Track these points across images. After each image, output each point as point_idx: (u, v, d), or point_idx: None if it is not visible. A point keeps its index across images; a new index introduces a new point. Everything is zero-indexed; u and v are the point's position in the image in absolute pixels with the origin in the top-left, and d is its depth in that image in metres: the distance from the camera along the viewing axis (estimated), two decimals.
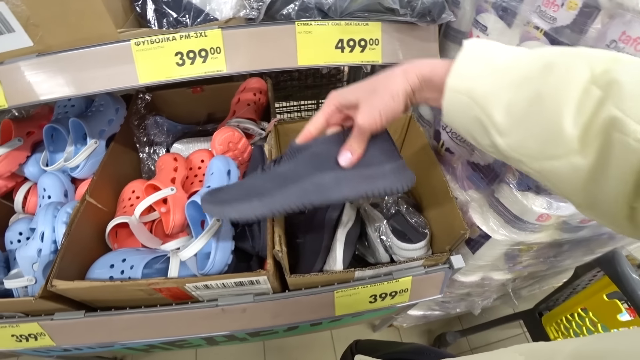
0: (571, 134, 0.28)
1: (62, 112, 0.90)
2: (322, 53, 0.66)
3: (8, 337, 0.71)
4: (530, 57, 0.33)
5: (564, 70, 0.30)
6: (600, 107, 0.27)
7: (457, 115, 0.36)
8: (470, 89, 0.34)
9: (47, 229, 0.74)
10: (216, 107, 1.00)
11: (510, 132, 0.32)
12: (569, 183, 0.30)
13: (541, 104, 0.30)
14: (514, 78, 0.32)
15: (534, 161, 0.32)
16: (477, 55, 0.35)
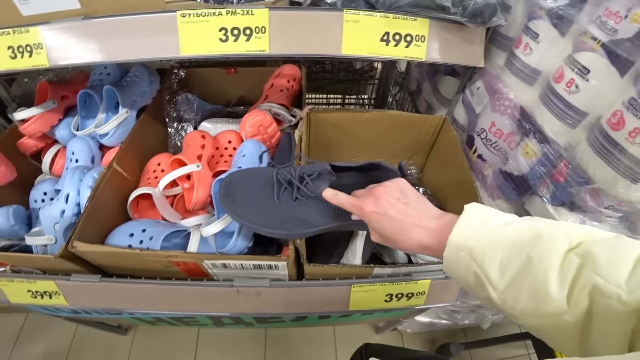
0: (558, 295, 0.32)
1: (97, 79, 0.90)
2: (367, 44, 0.64)
3: (24, 292, 0.71)
4: (521, 224, 0.37)
5: (547, 239, 0.34)
6: (581, 272, 0.31)
7: (456, 268, 0.40)
8: (469, 247, 0.38)
9: (72, 191, 0.75)
10: (247, 90, 1.00)
11: (504, 289, 0.35)
12: (562, 338, 0.33)
13: (530, 266, 0.34)
14: (507, 241, 0.36)
15: (527, 317, 0.35)
16: (476, 219, 0.39)
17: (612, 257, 0.31)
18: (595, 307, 0.30)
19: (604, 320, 0.30)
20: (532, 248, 0.34)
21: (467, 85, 0.80)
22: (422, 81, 1.00)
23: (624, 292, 0.29)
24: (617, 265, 0.30)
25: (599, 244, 0.32)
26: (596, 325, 0.30)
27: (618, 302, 0.29)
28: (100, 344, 1.26)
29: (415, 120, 0.80)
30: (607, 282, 0.30)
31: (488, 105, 0.74)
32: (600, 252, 0.31)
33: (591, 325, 0.31)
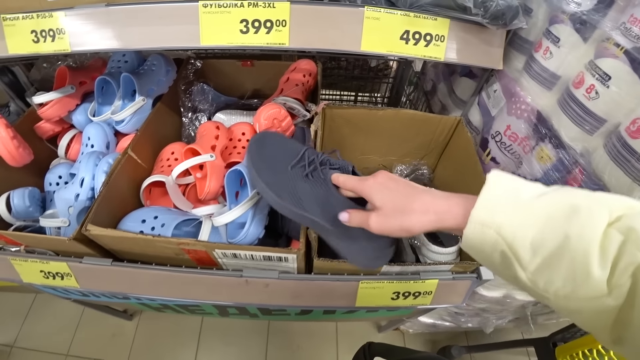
0: (599, 277, 0.29)
1: (115, 67, 0.91)
2: (386, 42, 0.64)
3: (37, 272, 0.73)
4: (554, 196, 0.33)
5: (587, 214, 0.31)
6: (623, 250, 0.28)
7: (480, 246, 0.36)
8: (497, 224, 0.34)
9: (87, 175, 0.76)
10: (262, 83, 1.00)
11: (536, 269, 0.32)
12: (599, 321, 0.31)
13: (567, 245, 0.30)
14: (539, 216, 0.32)
15: (562, 300, 0.32)
16: (502, 191, 0.35)
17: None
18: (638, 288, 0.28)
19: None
20: (569, 225, 0.31)
21: (484, 88, 0.80)
22: (437, 82, 1.00)
23: None
24: None
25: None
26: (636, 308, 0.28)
27: None
28: (106, 327, 1.28)
29: (430, 120, 0.80)
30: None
31: (504, 108, 0.74)
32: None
33: (633, 308, 0.28)
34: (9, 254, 0.71)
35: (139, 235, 0.63)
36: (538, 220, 0.32)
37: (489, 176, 0.37)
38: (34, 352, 1.24)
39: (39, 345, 1.26)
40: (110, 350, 1.24)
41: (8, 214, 0.77)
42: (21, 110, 0.94)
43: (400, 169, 0.88)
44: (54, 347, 1.25)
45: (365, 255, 0.52)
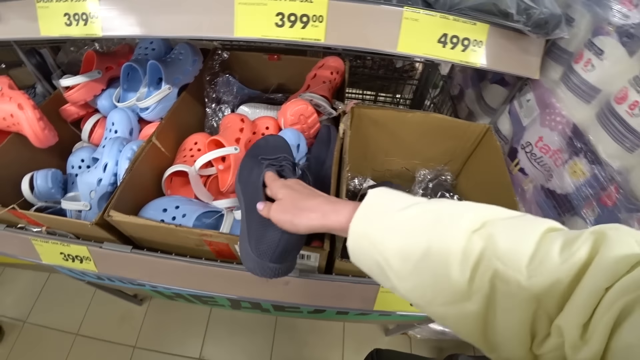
0: (459, 282, 0.30)
1: (142, 54, 0.90)
2: (423, 44, 0.62)
3: (57, 254, 0.72)
4: (423, 206, 0.35)
5: (448, 222, 0.32)
6: (482, 256, 0.29)
7: (360, 256, 0.37)
8: (369, 234, 0.35)
9: (110, 161, 0.75)
10: (287, 78, 0.99)
11: (406, 276, 0.33)
12: (466, 327, 0.31)
13: (430, 252, 0.31)
14: (407, 226, 0.34)
15: (430, 306, 0.33)
16: (378, 203, 0.37)
17: (513, 238, 0.29)
18: (497, 294, 0.29)
19: (505, 307, 0.28)
20: (432, 232, 0.32)
21: (516, 96, 0.78)
22: (465, 87, 0.98)
23: (523, 277, 0.27)
24: (517, 247, 0.28)
25: (501, 225, 0.30)
26: (498, 313, 0.29)
27: (518, 288, 0.27)
28: (116, 310, 1.29)
29: (459, 126, 0.78)
30: (507, 267, 0.28)
31: (537, 119, 0.71)
32: (501, 233, 0.30)
33: (494, 313, 0.29)
34: (30, 234, 0.70)
35: (161, 224, 0.62)
36: (405, 229, 0.33)
37: (370, 191, 0.38)
38: (45, 329, 1.25)
39: (50, 322, 1.27)
40: (119, 333, 1.25)
41: (30, 194, 0.77)
42: (47, 92, 0.94)
43: (423, 173, 0.86)
44: (64, 326, 1.26)
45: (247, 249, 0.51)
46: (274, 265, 0.49)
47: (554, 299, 0.27)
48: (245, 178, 0.59)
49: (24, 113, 0.72)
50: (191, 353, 1.21)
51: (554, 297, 0.27)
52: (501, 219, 0.31)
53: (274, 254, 0.49)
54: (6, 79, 0.74)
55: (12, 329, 1.26)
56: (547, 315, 0.27)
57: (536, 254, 0.28)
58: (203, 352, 1.21)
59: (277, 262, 0.49)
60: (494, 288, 0.29)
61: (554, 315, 0.27)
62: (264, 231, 0.50)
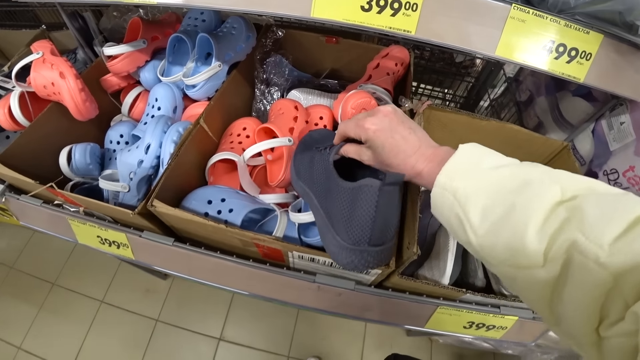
0: (535, 248, 0.29)
1: (191, 24, 0.81)
2: (527, 49, 0.52)
3: (93, 237, 0.67)
4: (513, 169, 0.34)
5: (537, 188, 0.31)
6: (564, 227, 0.28)
7: (441, 209, 0.37)
8: (454, 188, 0.34)
9: (154, 142, 0.67)
10: (342, 64, 0.88)
11: (483, 234, 0.33)
12: (534, 294, 0.30)
13: (512, 214, 0.30)
14: (494, 185, 0.33)
15: (501, 265, 0.32)
16: (467, 159, 0.36)
17: (603, 214, 0.27)
18: (571, 265, 0.27)
19: (578, 281, 0.27)
20: (518, 195, 0.31)
21: (605, 116, 0.67)
22: (537, 94, 0.86)
23: (603, 253, 0.25)
24: (605, 223, 0.26)
25: (595, 199, 0.28)
26: (570, 285, 0.27)
27: (595, 264, 0.25)
28: (140, 282, 1.25)
29: (534, 140, 0.68)
30: (588, 239, 0.26)
31: (631, 146, 0.61)
32: (592, 207, 0.28)
33: (565, 284, 0.27)
34: (68, 213, 0.64)
35: (209, 222, 0.55)
36: (491, 188, 0.33)
37: (461, 146, 0.37)
38: (72, 293, 1.23)
39: (77, 287, 1.25)
40: (143, 305, 1.22)
41: (67, 168, 0.71)
42: (88, 58, 0.85)
43: None
44: (90, 292, 1.23)
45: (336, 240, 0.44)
46: (375, 249, 0.41)
47: (635, 283, 0.24)
48: (307, 173, 0.53)
49: (66, 82, 0.64)
50: (212, 332, 1.18)
51: (635, 281, 0.24)
52: (596, 194, 0.29)
53: (373, 234, 0.41)
54: (48, 44, 0.65)
55: (41, 288, 1.24)
56: (622, 298, 0.25)
57: (625, 234, 0.25)
58: (224, 332, 1.18)
59: (378, 244, 0.41)
60: (570, 259, 0.27)
61: (631, 301, 0.24)
62: (353, 208, 0.41)
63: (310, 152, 0.55)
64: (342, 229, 0.42)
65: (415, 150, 0.41)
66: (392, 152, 0.41)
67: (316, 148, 0.54)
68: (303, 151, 0.57)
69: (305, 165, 0.54)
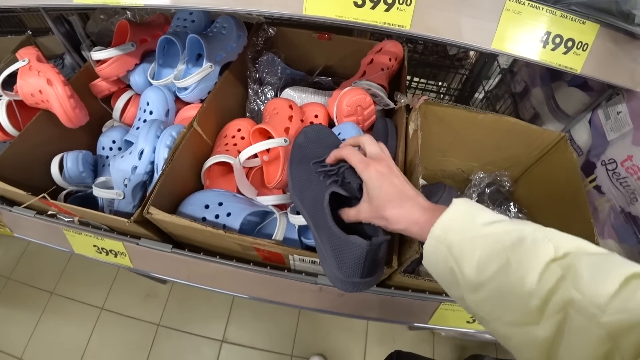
0: (531, 304, 0.28)
1: (180, 25, 0.79)
2: (522, 42, 0.51)
3: (90, 246, 0.65)
4: (506, 226, 0.34)
5: (531, 245, 0.31)
6: (560, 284, 0.28)
7: (435, 262, 0.37)
8: (449, 242, 0.34)
9: (147, 147, 0.66)
10: (336, 60, 0.87)
11: (477, 290, 0.32)
12: (528, 352, 0.30)
13: (507, 270, 0.30)
14: (488, 241, 0.33)
15: (495, 322, 0.32)
16: (462, 213, 0.36)
17: (597, 274, 0.27)
18: (567, 324, 0.27)
19: (575, 340, 0.26)
20: (512, 251, 0.31)
21: (602, 105, 0.66)
22: (532, 85, 0.85)
23: (601, 313, 0.25)
24: (600, 282, 0.27)
25: (586, 258, 0.29)
26: (566, 344, 0.27)
27: (593, 323, 0.25)
28: (140, 287, 1.24)
29: (531, 132, 0.68)
30: (585, 299, 0.26)
31: (629, 136, 0.61)
32: (585, 266, 0.28)
33: (561, 343, 0.27)
34: (62, 224, 0.63)
35: (207, 228, 0.54)
36: (486, 243, 0.33)
37: (455, 200, 0.37)
38: (71, 301, 1.22)
39: (76, 295, 1.23)
40: (143, 310, 1.21)
41: (60, 177, 0.69)
42: (76, 63, 0.83)
43: (479, 177, 0.77)
44: (89, 299, 1.22)
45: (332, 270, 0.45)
46: (366, 279, 0.44)
47: (633, 343, 0.24)
48: (303, 192, 0.51)
49: (54, 90, 0.63)
50: (214, 334, 1.17)
51: (633, 341, 0.24)
52: (586, 254, 0.29)
53: (362, 272, 0.43)
54: (34, 50, 0.63)
55: (39, 298, 1.22)
56: (621, 358, 0.24)
57: (619, 293, 0.26)
58: (226, 334, 1.17)
59: (368, 277, 0.44)
60: (567, 317, 0.27)
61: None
62: (343, 253, 0.43)
63: (307, 167, 0.53)
64: (334, 262, 0.44)
65: (411, 197, 0.41)
66: (389, 195, 0.41)
67: (314, 164, 0.52)
68: (300, 161, 0.55)
69: (301, 182, 0.53)
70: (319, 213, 0.47)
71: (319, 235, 0.46)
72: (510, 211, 0.69)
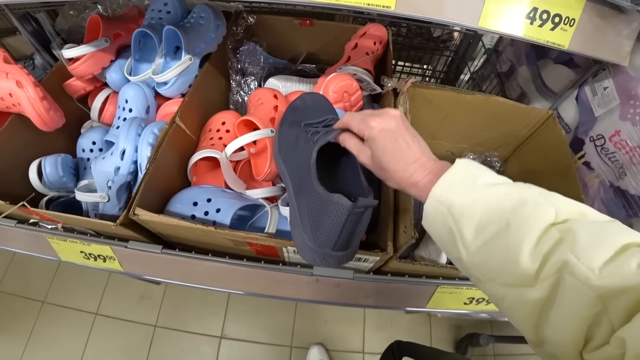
0: (527, 267, 0.29)
1: (155, 17, 0.75)
2: (509, 19, 0.50)
3: (77, 253, 0.63)
4: (508, 188, 0.33)
5: (532, 209, 0.31)
6: (557, 248, 0.28)
7: (434, 222, 0.36)
8: (449, 202, 0.34)
9: (129, 147, 0.64)
10: (319, 47, 0.85)
11: (476, 250, 0.32)
12: (521, 313, 0.30)
13: (507, 232, 0.30)
14: (489, 202, 0.33)
15: (490, 283, 0.32)
16: (464, 174, 0.36)
17: (594, 238, 0.28)
18: (561, 286, 0.27)
19: (567, 302, 0.27)
20: (513, 214, 0.31)
21: (588, 82, 0.66)
22: (518, 64, 0.85)
23: (594, 276, 0.26)
24: (596, 247, 0.27)
25: (586, 224, 0.29)
26: (558, 306, 0.27)
27: (585, 285, 0.26)
28: (134, 289, 1.22)
29: (519, 111, 0.67)
30: (580, 261, 0.26)
31: (616, 111, 0.61)
32: (584, 231, 0.28)
33: (553, 305, 0.28)
34: (45, 232, 0.60)
35: (196, 225, 0.52)
36: (487, 205, 0.32)
37: (457, 160, 0.37)
38: (64, 309, 1.19)
39: (69, 302, 1.20)
40: (138, 312, 1.19)
41: (39, 183, 0.66)
42: (47, 63, 0.79)
43: (470, 158, 0.76)
44: (83, 305, 1.19)
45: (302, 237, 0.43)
46: (338, 253, 0.41)
47: (622, 307, 0.24)
48: (289, 152, 0.49)
49: (25, 92, 0.59)
50: (212, 332, 1.16)
51: (622, 305, 0.24)
52: (587, 220, 0.30)
53: (336, 242, 0.40)
54: (0, 52, 0.60)
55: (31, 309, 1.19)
56: (609, 322, 0.25)
57: (614, 259, 0.26)
58: (224, 330, 1.16)
59: (341, 250, 0.41)
60: (561, 279, 0.27)
61: (617, 325, 0.25)
62: (322, 216, 0.40)
63: (298, 128, 0.51)
64: (309, 229, 0.41)
65: (415, 159, 0.39)
66: (393, 156, 0.39)
67: (305, 124, 0.50)
68: (292, 123, 0.53)
69: (289, 142, 0.50)
70: (303, 173, 0.45)
71: (297, 199, 0.44)
72: None
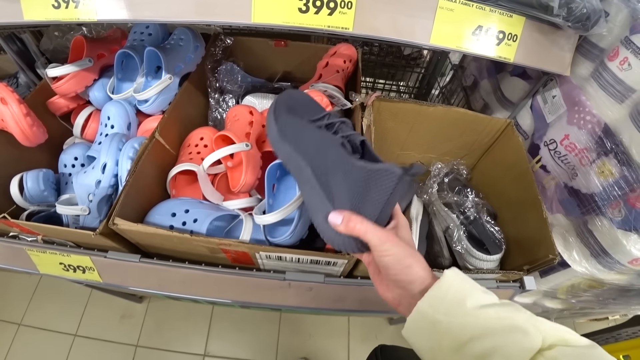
0: None
1: (137, 39, 0.81)
2: (457, 35, 0.57)
3: (56, 264, 0.66)
4: (498, 311, 0.34)
5: (521, 335, 0.32)
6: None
7: (416, 335, 0.37)
8: (437, 320, 0.35)
9: (110, 161, 0.67)
10: (294, 66, 0.91)
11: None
12: None
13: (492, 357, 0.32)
14: (479, 326, 0.33)
15: None
16: (453, 291, 0.36)
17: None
18: None
19: None
20: (502, 339, 0.32)
21: (540, 91, 0.74)
22: (480, 77, 0.93)
23: None
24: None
25: (570, 351, 0.32)
26: None
27: None
28: (115, 309, 1.22)
29: (479, 121, 0.74)
30: None
31: (564, 117, 0.68)
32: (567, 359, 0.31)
33: None
34: (25, 244, 0.63)
35: (173, 233, 0.56)
36: (476, 328, 0.33)
37: (445, 273, 0.37)
38: (41, 331, 1.18)
39: (46, 324, 1.20)
40: (119, 332, 1.19)
41: (20, 197, 0.69)
42: (31, 82, 0.83)
43: (438, 167, 0.82)
44: (61, 327, 1.19)
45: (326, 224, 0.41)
46: None
47: None
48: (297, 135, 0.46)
49: (9, 108, 0.63)
50: (195, 350, 1.17)
51: None
52: (570, 347, 0.33)
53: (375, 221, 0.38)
54: None
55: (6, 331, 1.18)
56: None
57: None
58: (208, 348, 1.17)
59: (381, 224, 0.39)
60: None
61: None
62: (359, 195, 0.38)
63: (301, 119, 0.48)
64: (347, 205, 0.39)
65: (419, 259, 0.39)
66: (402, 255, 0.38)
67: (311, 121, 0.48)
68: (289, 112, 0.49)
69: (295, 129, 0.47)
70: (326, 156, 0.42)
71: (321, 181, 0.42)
72: (468, 197, 0.75)
